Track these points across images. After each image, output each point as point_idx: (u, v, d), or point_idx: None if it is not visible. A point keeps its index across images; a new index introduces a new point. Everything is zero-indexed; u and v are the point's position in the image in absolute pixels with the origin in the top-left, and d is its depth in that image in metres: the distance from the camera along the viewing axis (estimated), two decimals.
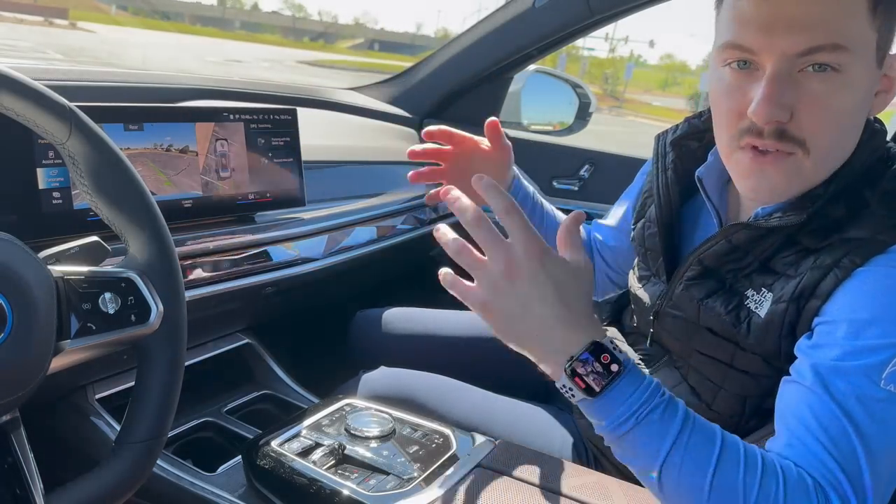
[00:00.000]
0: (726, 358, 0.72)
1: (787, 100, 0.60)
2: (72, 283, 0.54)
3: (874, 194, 0.64)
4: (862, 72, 0.61)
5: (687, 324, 0.76)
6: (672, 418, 0.55)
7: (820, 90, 0.60)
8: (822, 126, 0.62)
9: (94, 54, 18.98)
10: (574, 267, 0.58)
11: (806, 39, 0.59)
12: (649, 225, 0.84)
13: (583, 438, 0.93)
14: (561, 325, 0.56)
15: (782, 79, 0.60)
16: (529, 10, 1.43)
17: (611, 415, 0.56)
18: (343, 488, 0.71)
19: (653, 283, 0.84)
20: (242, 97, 1.35)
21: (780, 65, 0.60)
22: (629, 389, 0.55)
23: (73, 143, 0.56)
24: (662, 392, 0.56)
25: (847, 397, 0.56)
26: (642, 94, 50.69)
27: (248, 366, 1.13)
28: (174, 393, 0.59)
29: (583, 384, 0.55)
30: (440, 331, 1.16)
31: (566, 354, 0.56)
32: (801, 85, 0.60)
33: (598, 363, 0.55)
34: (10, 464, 0.53)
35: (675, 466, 0.55)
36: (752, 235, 0.69)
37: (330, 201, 1.15)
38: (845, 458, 0.55)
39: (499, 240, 0.56)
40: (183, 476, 0.85)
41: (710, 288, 0.73)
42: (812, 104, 0.61)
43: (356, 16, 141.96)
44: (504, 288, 0.55)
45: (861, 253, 0.61)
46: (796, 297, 0.63)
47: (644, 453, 0.56)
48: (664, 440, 0.55)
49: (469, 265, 0.57)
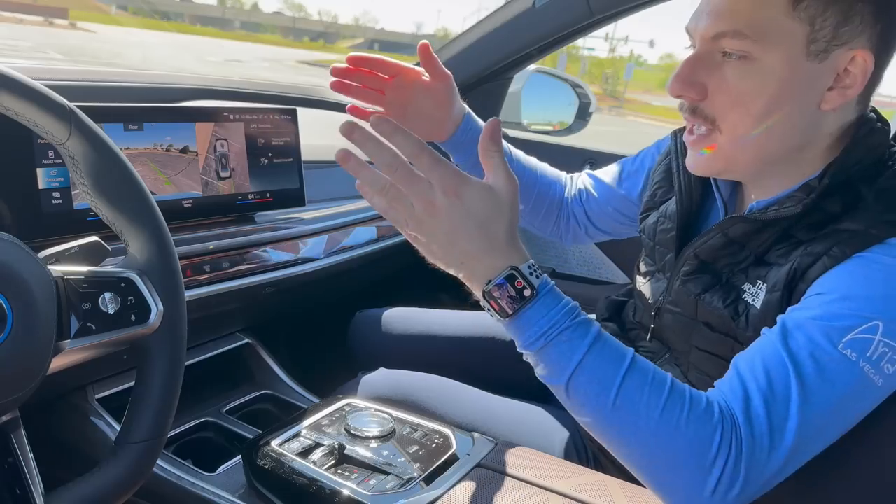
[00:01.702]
0: (725, 353, 0.72)
1: (700, 79, 0.67)
2: (72, 283, 0.54)
3: (871, 191, 0.65)
4: (777, 62, 0.63)
5: (686, 320, 0.76)
6: (580, 339, 0.59)
7: (729, 74, 0.65)
8: (729, 107, 0.66)
9: (95, 54, 18.98)
10: (493, 192, 0.60)
11: (715, 25, 0.65)
12: (664, 220, 0.84)
13: (583, 438, 0.93)
14: (482, 252, 0.59)
15: (700, 60, 0.67)
16: (529, 10, 1.43)
17: (523, 335, 0.60)
18: (343, 488, 0.71)
19: (657, 278, 0.84)
20: (242, 97, 1.35)
21: (700, 47, 0.68)
22: (541, 312, 0.59)
23: (73, 143, 0.56)
24: (575, 315, 0.59)
25: (801, 349, 0.58)
26: (642, 94, 50.68)
27: (248, 366, 1.13)
28: (174, 393, 0.59)
29: (497, 307, 0.59)
30: (440, 331, 1.16)
31: (485, 279, 0.59)
32: (718, 69, 0.66)
33: (513, 288, 0.58)
34: (10, 464, 0.53)
35: (581, 384, 0.59)
36: (748, 229, 0.70)
37: (330, 201, 1.15)
38: (776, 401, 0.57)
39: (415, 179, 0.58)
40: (183, 476, 0.85)
41: (707, 283, 0.73)
42: (719, 86, 0.66)
43: (356, 16, 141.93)
44: (428, 224, 0.59)
45: (852, 243, 0.61)
46: (787, 283, 0.64)
47: (553, 371, 0.60)
48: (571, 359, 0.58)
49: (396, 202, 0.59)
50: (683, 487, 0.57)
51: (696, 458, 0.56)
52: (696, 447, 0.56)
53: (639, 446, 0.58)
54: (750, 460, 0.56)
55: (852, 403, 0.58)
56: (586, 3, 1.37)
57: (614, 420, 0.58)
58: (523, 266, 0.59)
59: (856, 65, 0.63)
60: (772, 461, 0.56)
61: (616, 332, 0.90)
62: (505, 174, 0.61)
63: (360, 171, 0.59)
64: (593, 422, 0.60)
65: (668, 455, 0.57)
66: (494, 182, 0.60)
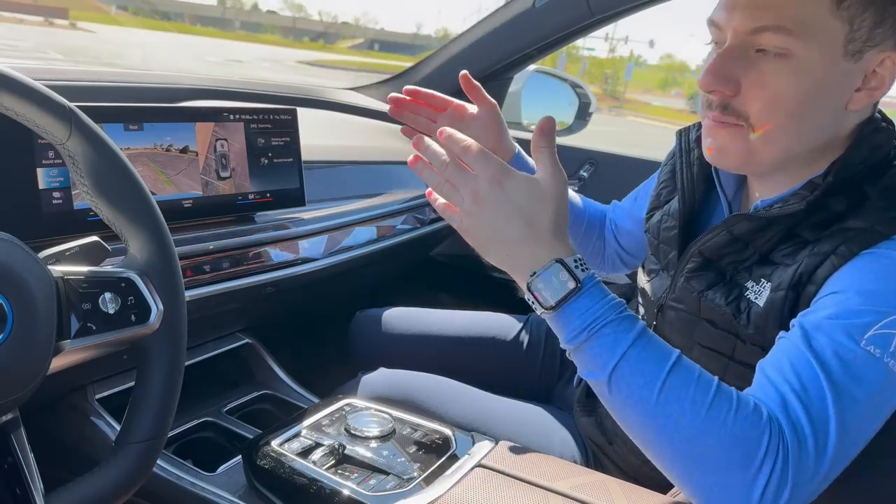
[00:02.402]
0: (727, 350, 0.72)
1: (734, 74, 0.65)
2: (72, 283, 0.54)
3: (875, 189, 0.65)
4: (816, 60, 0.62)
5: (688, 317, 0.76)
6: (625, 332, 0.58)
7: (766, 70, 0.64)
8: (765, 104, 0.64)
9: (95, 54, 18.97)
10: (538, 183, 0.61)
11: (755, 19, 0.63)
12: (667, 218, 0.84)
13: (583, 438, 0.93)
14: (527, 243, 0.60)
15: (733, 54, 0.65)
16: (529, 10, 1.43)
17: (566, 328, 0.59)
18: (343, 488, 0.71)
19: (660, 277, 0.84)
20: (242, 97, 1.35)
21: (733, 41, 0.65)
22: (586, 305, 0.58)
23: (73, 143, 0.56)
24: (621, 310, 0.59)
25: (825, 349, 0.57)
26: (642, 94, 50.66)
27: (248, 366, 1.13)
28: (174, 393, 0.59)
29: (540, 298, 0.59)
30: (440, 331, 1.16)
31: (530, 270, 0.60)
32: (753, 64, 0.64)
33: (557, 280, 0.58)
34: (10, 464, 0.53)
35: (624, 377, 0.57)
36: (752, 227, 0.70)
37: (330, 201, 1.15)
38: (813, 402, 0.55)
39: (463, 173, 0.61)
40: (183, 476, 0.85)
41: (711, 280, 0.73)
42: (755, 83, 0.64)
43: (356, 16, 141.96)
44: (474, 214, 0.61)
45: (859, 241, 0.61)
46: (794, 283, 0.64)
47: (596, 364, 0.59)
48: (614, 351, 0.57)
49: (448, 196, 0.63)
50: (727, 491, 0.54)
51: (742, 460, 0.54)
52: (743, 447, 0.54)
53: (682, 445, 0.56)
54: (798, 465, 0.54)
55: (882, 399, 0.57)
56: (586, 3, 1.37)
57: (657, 415, 0.56)
58: (569, 259, 0.59)
59: (885, 67, 0.63)
60: (819, 465, 0.54)
61: None
62: (552, 166, 0.62)
63: (423, 172, 0.64)
64: (635, 418, 0.58)
65: (712, 455, 0.55)
66: (541, 174, 0.62)
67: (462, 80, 0.89)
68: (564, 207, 0.62)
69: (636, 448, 0.83)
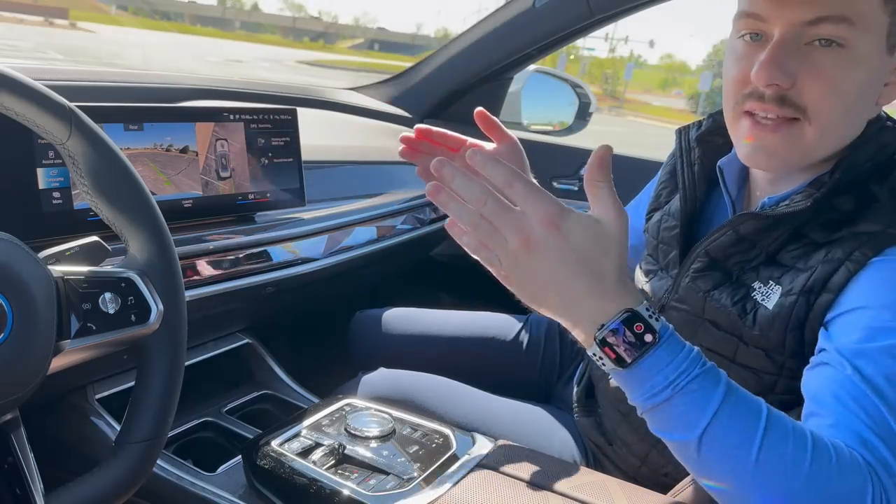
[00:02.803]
0: (729, 353, 0.72)
1: (791, 67, 0.62)
2: (72, 283, 0.54)
3: (883, 189, 0.65)
4: (869, 52, 0.62)
5: (691, 318, 0.76)
6: (713, 387, 0.52)
7: (824, 62, 0.62)
8: (823, 96, 0.63)
9: (95, 54, 18.97)
10: (600, 225, 0.53)
11: (813, 9, 0.61)
12: (668, 218, 0.84)
13: (583, 438, 0.93)
14: (589, 294, 0.52)
15: (788, 46, 0.62)
16: (529, 10, 1.43)
17: (643, 385, 0.53)
18: (343, 488, 0.71)
19: (659, 277, 0.84)
20: (242, 97, 1.35)
21: (787, 32, 0.62)
22: (665, 359, 0.52)
23: (73, 143, 0.56)
24: (703, 362, 0.53)
25: (875, 376, 0.55)
26: (642, 94, 50.65)
27: (248, 366, 1.13)
28: (174, 393, 0.59)
29: (613, 355, 0.52)
30: (440, 331, 1.16)
31: (596, 324, 0.53)
32: (807, 56, 0.62)
33: (631, 332, 0.52)
34: (10, 464, 0.53)
35: (717, 440, 0.52)
36: (759, 226, 0.69)
37: (330, 201, 1.15)
38: (886, 434, 0.53)
39: (509, 211, 0.52)
40: (183, 476, 0.85)
41: (717, 280, 0.73)
42: (814, 74, 0.62)
43: (356, 16, 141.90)
44: (524, 262, 0.52)
45: (873, 245, 0.61)
46: (807, 290, 0.64)
47: (681, 425, 0.53)
48: (703, 411, 0.52)
49: (488, 237, 0.53)
50: None
51: None
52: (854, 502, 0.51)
53: None
54: None
55: None
56: (586, 3, 1.37)
57: (757, 478, 0.51)
58: (640, 308, 0.52)
59: None
60: None
61: None
62: (613, 205, 0.54)
63: (449, 205, 0.54)
64: (728, 481, 0.53)
65: None
66: (600, 214, 0.54)
67: (478, 117, 0.79)
68: (626, 249, 0.55)
69: (636, 448, 0.83)
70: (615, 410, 0.86)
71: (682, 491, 0.74)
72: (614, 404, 0.85)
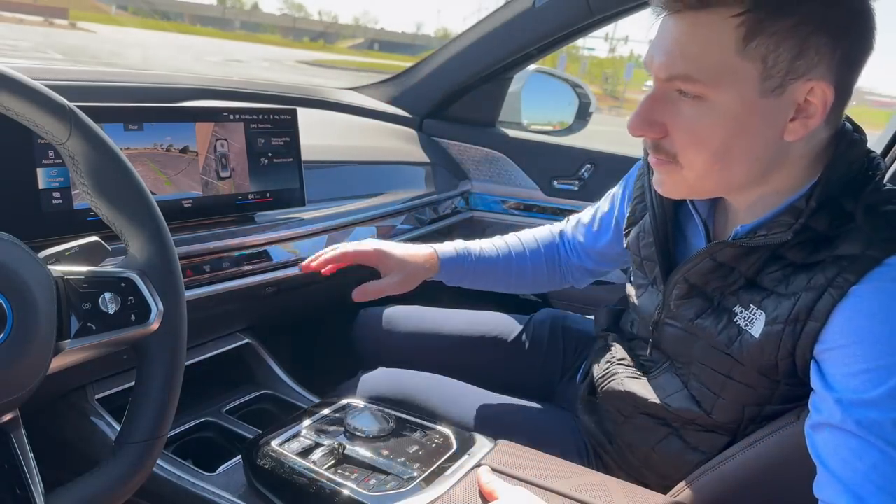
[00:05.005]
0: (724, 370, 0.72)
1: (659, 118, 0.66)
2: (72, 283, 0.54)
3: (858, 206, 0.63)
4: (731, 102, 0.62)
5: (686, 334, 0.76)
6: None
7: (686, 113, 0.65)
8: (687, 146, 0.66)
9: (95, 54, 18.97)
10: None
11: (668, 67, 0.64)
12: (644, 235, 0.85)
13: (583, 438, 0.93)
14: None
15: (658, 99, 0.66)
16: (529, 10, 1.43)
17: None
18: (343, 488, 0.71)
19: (650, 291, 0.84)
20: (242, 97, 1.35)
21: (656, 86, 0.67)
22: None
23: (73, 143, 0.56)
24: None
25: (883, 425, 0.56)
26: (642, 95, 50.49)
27: (248, 366, 1.13)
28: (174, 393, 0.59)
29: None
30: (441, 329, 1.16)
31: None
32: (675, 106, 0.66)
33: None
34: (11, 464, 0.53)
35: None
36: (736, 253, 0.70)
37: (330, 201, 1.15)
38: None
39: None
40: (183, 476, 0.85)
41: (699, 307, 0.74)
42: (678, 125, 0.66)
43: (356, 16, 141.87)
44: None
45: (854, 269, 0.60)
46: (793, 319, 0.63)
47: None
48: None
49: None
50: None
51: None
52: None
53: None
54: None
55: None
56: (586, 3, 1.37)
57: None
58: None
59: (815, 95, 0.61)
60: None
61: (617, 342, 0.91)
62: None
63: None
64: None
65: None
66: None
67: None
68: None
69: (637, 448, 0.83)
70: (617, 411, 0.86)
71: (682, 491, 0.74)
72: (617, 405, 0.85)
